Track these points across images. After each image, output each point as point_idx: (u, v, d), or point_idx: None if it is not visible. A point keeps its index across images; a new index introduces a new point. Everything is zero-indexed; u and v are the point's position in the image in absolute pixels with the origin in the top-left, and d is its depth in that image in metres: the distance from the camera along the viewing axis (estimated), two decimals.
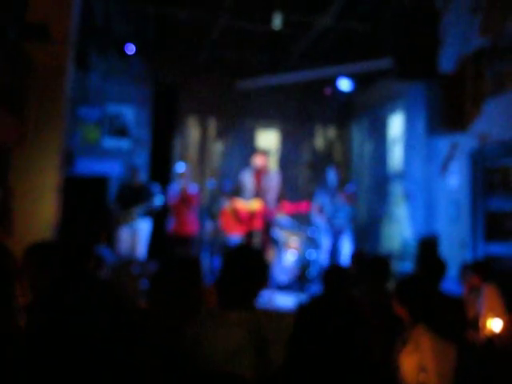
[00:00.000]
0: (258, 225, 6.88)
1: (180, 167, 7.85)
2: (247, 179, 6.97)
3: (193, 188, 7.73)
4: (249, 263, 2.39)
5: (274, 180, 6.99)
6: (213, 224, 7.97)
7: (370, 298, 3.76)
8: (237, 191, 7.01)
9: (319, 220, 7.57)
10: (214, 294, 2.39)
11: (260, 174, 6.93)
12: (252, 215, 6.84)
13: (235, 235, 7.49)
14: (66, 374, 1.43)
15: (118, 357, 1.55)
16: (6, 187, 4.84)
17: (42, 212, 5.05)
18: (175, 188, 7.69)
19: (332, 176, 7.58)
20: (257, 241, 6.94)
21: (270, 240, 7.07)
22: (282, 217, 7.74)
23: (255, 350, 2.14)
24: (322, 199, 7.56)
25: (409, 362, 2.63)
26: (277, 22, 7.41)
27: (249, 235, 6.92)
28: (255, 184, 6.92)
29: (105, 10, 7.79)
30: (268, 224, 6.96)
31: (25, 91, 5.05)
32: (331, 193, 7.52)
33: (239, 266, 2.38)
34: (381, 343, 2.59)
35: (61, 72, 5.27)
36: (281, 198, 7.02)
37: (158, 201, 7.33)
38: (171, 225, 7.65)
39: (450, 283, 4.81)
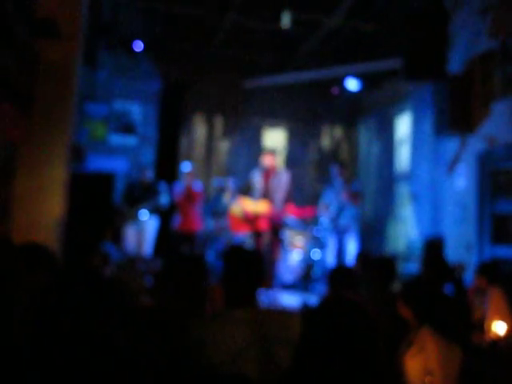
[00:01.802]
0: (263, 226, 6.88)
1: (186, 167, 7.86)
2: (256, 179, 6.97)
3: (197, 185, 7.76)
4: (244, 263, 2.40)
5: (282, 180, 6.97)
6: (215, 222, 7.98)
7: (374, 299, 3.76)
8: (246, 190, 7.02)
9: (325, 219, 7.56)
10: (220, 292, 2.39)
11: (269, 173, 6.93)
12: (257, 216, 6.83)
13: (241, 234, 7.49)
14: (69, 371, 1.43)
15: (122, 355, 1.55)
16: (7, 186, 4.84)
17: (48, 208, 5.06)
18: (180, 185, 7.71)
19: (336, 175, 7.56)
20: (265, 241, 6.95)
21: (278, 241, 7.04)
22: (287, 217, 7.75)
23: (260, 348, 2.13)
24: (328, 198, 7.55)
25: (413, 364, 2.62)
26: (285, 20, 7.40)
27: (257, 235, 6.93)
28: (264, 184, 6.91)
29: (113, 7, 7.80)
30: (277, 226, 6.94)
31: (33, 88, 5.06)
32: (336, 192, 7.51)
33: (237, 266, 2.39)
34: (386, 344, 2.58)
35: (69, 69, 5.28)
36: (288, 198, 7.01)
37: (163, 199, 7.35)
38: (176, 222, 7.67)
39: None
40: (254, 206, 6.84)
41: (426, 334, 2.71)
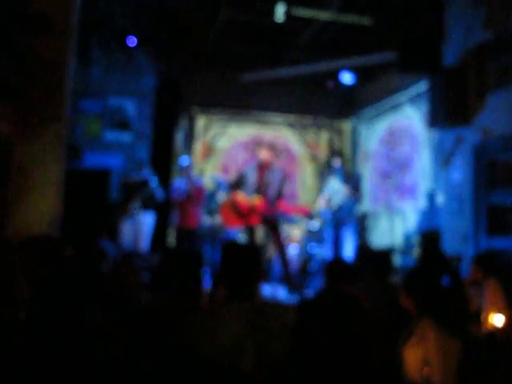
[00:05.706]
0: (255, 221, 6.86)
1: (184, 161, 7.84)
2: (250, 173, 6.95)
3: (198, 182, 7.74)
4: (245, 258, 2.40)
5: (276, 176, 6.95)
6: (210, 218, 7.95)
7: (371, 292, 3.76)
8: (239, 184, 6.99)
9: (325, 212, 7.55)
10: (221, 289, 2.40)
11: (264, 168, 6.91)
12: (251, 210, 6.81)
13: (234, 229, 7.46)
14: (65, 366, 1.43)
15: (119, 351, 1.55)
16: (2, 185, 4.82)
17: (44, 205, 5.05)
18: (182, 182, 7.66)
19: (337, 168, 7.57)
20: (258, 236, 6.94)
21: (279, 237, 7.00)
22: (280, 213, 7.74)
23: (255, 341, 2.13)
24: (328, 192, 7.54)
25: (413, 355, 2.62)
26: (279, 14, 7.37)
27: (250, 230, 6.91)
28: (258, 178, 6.89)
29: (107, 2, 7.76)
30: (272, 222, 6.92)
31: (27, 84, 5.03)
32: (336, 185, 7.50)
33: (236, 261, 2.40)
34: (382, 337, 2.58)
35: (62, 64, 5.25)
36: (281, 194, 6.99)
37: (158, 193, 7.37)
38: (176, 219, 7.65)
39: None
40: (248, 199, 6.82)
41: (427, 325, 2.71)
